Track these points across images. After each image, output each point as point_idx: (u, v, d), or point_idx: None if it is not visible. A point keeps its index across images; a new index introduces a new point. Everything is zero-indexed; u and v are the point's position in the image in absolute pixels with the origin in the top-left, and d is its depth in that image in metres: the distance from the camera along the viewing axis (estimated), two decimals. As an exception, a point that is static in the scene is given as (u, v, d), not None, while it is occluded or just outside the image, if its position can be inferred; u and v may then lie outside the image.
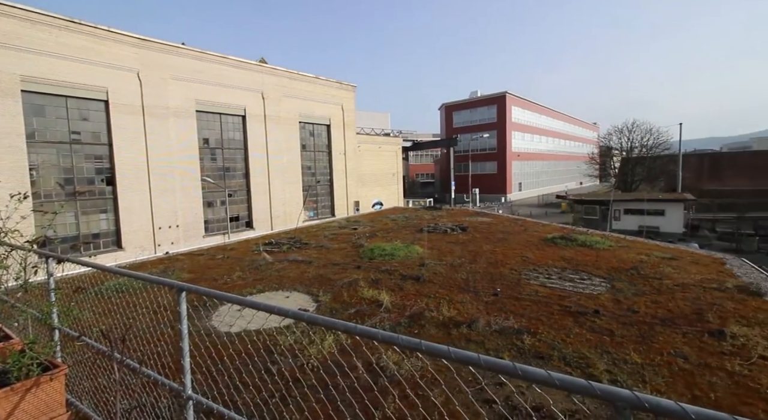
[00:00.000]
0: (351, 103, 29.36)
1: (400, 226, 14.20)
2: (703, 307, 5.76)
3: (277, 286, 7.22)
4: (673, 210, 25.10)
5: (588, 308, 5.81)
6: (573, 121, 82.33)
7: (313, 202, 26.79)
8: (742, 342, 4.65)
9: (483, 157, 55.04)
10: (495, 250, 9.78)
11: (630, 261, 8.30)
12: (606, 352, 4.49)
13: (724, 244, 23.13)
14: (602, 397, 1.05)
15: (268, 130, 23.04)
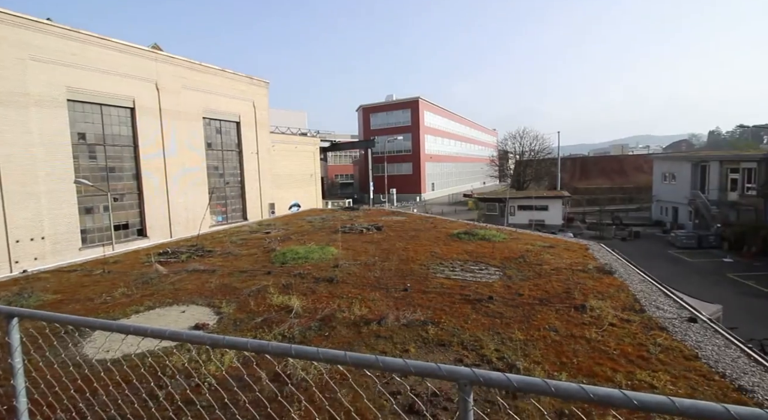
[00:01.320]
0: (264, 100, 27.88)
1: (316, 228, 13.95)
2: (571, 287, 6.84)
3: (171, 300, 6.46)
4: (554, 205, 29.49)
5: (484, 295, 6.45)
6: (476, 127, 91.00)
7: (222, 206, 24.74)
8: (597, 313, 5.64)
9: (399, 158, 57.33)
10: (407, 247, 10.24)
11: (519, 251, 9.46)
12: (497, 333, 5.03)
13: (591, 233, 28.01)
14: (447, 377, 1.15)
15: (164, 125, 20.54)
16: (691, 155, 35.12)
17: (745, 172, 27.14)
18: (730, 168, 28.12)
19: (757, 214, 24.28)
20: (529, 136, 52.11)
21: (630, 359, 4.35)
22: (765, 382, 3.97)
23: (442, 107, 66.65)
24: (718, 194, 28.12)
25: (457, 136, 74.09)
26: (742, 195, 26.82)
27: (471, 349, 4.62)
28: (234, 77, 25.29)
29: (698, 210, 28.49)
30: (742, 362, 4.36)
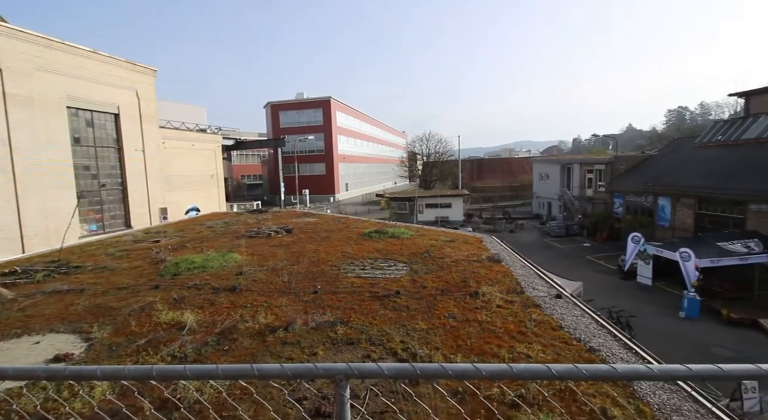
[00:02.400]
0: (150, 90, 24.46)
1: (217, 234, 12.79)
2: (468, 276, 7.56)
3: (20, 330, 5.22)
4: (457, 203, 32.33)
5: (392, 291, 6.71)
6: (388, 129, 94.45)
7: (96, 212, 20.96)
8: (488, 297, 6.33)
9: (312, 158, 56.17)
10: (318, 248, 10.09)
11: (424, 246, 10.10)
12: (402, 326, 5.28)
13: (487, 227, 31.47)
14: (323, 375, 1.16)
15: (10, 114, 16.52)
16: (559, 159, 42.08)
17: (597, 173, 33.56)
18: (587, 169, 34.46)
19: (606, 207, 30.27)
20: (435, 139, 56.21)
21: (512, 335, 4.99)
22: (608, 342, 4.95)
23: (354, 108, 67.44)
24: (579, 191, 34.23)
25: (369, 137, 75.77)
26: (595, 191, 33.11)
27: (378, 344, 4.76)
28: (110, 61, 21.63)
29: (565, 204, 34.30)
30: (593, 328, 5.36)
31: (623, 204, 27.75)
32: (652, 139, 78.95)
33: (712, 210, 21.14)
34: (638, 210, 26.36)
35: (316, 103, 56.09)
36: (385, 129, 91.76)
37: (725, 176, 20.78)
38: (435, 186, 49.59)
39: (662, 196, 24.13)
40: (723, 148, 23.64)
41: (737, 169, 20.62)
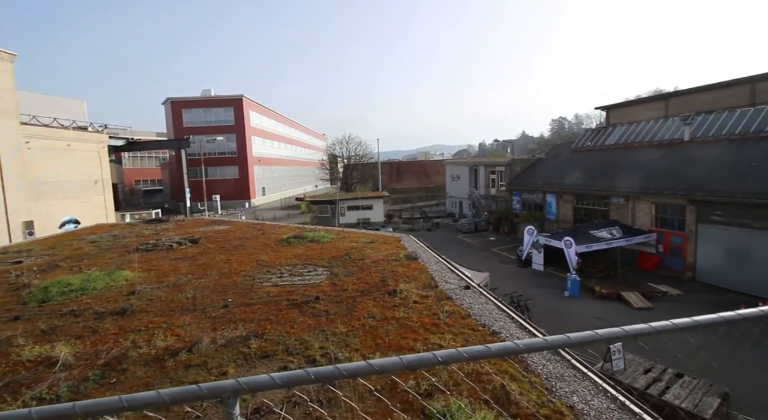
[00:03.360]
0: (7, 80, 20.00)
1: (102, 249, 10.99)
2: (387, 275, 7.77)
3: None
4: (377, 204, 33.09)
5: (311, 297, 6.55)
6: (307, 131, 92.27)
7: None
8: (405, 294, 6.59)
9: (224, 161, 51.98)
10: (230, 258, 9.36)
11: (344, 249, 10.10)
12: (322, 331, 5.19)
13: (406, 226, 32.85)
14: (209, 396, 1.07)
15: None
16: (467, 161, 46.05)
17: (499, 174, 37.55)
18: (491, 171, 38.32)
19: (507, 204, 34.02)
20: (355, 142, 56.70)
21: (427, 328, 5.28)
22: (507, 324, 5.54)
23: (271, 109, 64.36)
24: (485, 190, 37.88)
25: (287, 139, 73.03)
26: (498, 190, 36.99)
27: (296, 354, 4.60)
28: (-60, 38, 17.05)
29: (474, 203, 37.64)
30: (496, 313, 5.96)
31: (520, 201, 31.53)
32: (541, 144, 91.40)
33: (586, 204, 25.28)
34: (532, 206, 30.22)
35: (227, 101, 52.08)
36: (305, 131, 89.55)
37: (594, 175, 25.05)
38: (356, 188, 50.04)
39: (549, 194, 28.05)
40: (592, 152, 28.46)
41: (602, 169, 25.03)
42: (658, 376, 8.89)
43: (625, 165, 23.82)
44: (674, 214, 19.58)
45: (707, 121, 21.92)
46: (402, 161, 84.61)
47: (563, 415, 3.37)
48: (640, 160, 23.45)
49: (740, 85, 22.88)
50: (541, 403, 3.56)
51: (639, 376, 9.04)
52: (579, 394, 3.71)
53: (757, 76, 22.08)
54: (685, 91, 27.15)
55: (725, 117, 21.19)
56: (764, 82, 21.72)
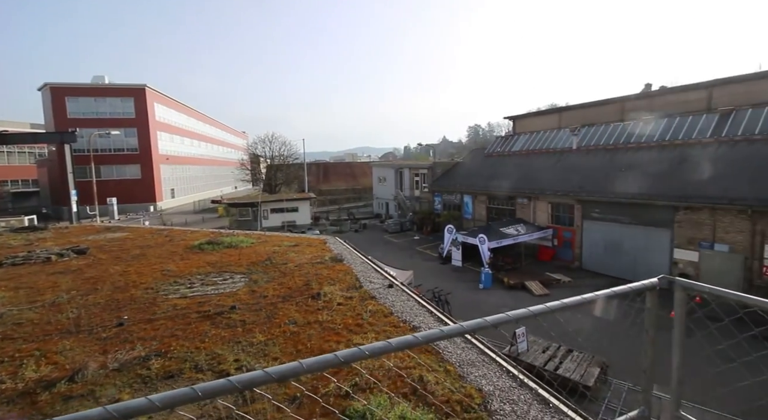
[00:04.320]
0: None
1: (-51, 265, 8.78)
2: (311, 279, 7.60)
3: None
4: (303, 206, 32.19)
5: (226, 306, 6.09)
6: (225, 128, 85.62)
7: None
8: (329, 297, 6.52)
9: (121, 158, 45.58)
10: (127, 270, 8.23)
11: (266, 253, 9.61)
12: (237, 343, 4.86)
13: (333, 228, 32.57)
14: (64, 432, 0.92)
15: None
16: (393, 164, 47.44)
17: (422, 176, 39.44)
18: (415, 173, 40.04)
19: (429, 205, 35.89)
20: (278, 142, 54.30)
21: (350, 329, 5.29)
22: (426, 319, 5.81)
23: (182, 102, 58.28)
24: (409, 191, 39.44)
25: (202, 136, 66.88)
26: (421, 192, 38.82)
27: (207, 370, 4.23)
28: None
29: (399, 204, 38.95)
30: (416, 309, 6.22)
31: (441, 202, 33.53)
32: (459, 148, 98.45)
33: (496, 204, 27.92)
34: (451, 206, 32.36)
35: (126, 90, 45.69)
36: (222, 128, 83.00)
37: (503, 178, 27.78)
38: (281, 190, 47.97)
39: (466, 195, 30.35)
40: (501, 157, 31.54)
41: (510, 173, 27.89)
42: (554, 354, 10.21)
43: (528, 169, 26.93)
44: (565, 212, 22.71)
45: (590, 132, 25.91)
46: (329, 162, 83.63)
47: (473, 398, 3.66)
48: (540, 165, 26.72)
49: (613, 103, 27.51)
50: (454, 389, 3.82)
51: (539, 355, 10.26)
52: (487, 377, 4.07)
53: (626, 96, 26.81)
54: (573, 106, 31.69)
55: (602, 130, 25.29)
56: (630, 101, 26.45)
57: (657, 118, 22.70)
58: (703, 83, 22.34)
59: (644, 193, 18.40)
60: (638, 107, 25.10)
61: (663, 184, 18.25)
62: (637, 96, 26.40)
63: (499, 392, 3.77)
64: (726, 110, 19.62)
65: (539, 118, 34.24)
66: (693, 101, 22.54)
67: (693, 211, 16.73)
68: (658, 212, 17.92)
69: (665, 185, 18.09)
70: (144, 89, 46.15)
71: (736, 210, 15.35)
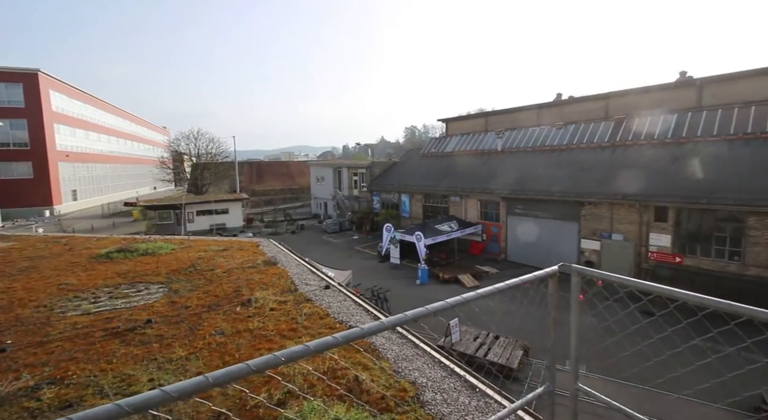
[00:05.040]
0: None
1: None
2: (241, 284, 7.16)
3: None
4: (235, 208, 30.25)
5: (140, 321, 5.46)
6: (142, 122, 76.82)
7: None
8: (261, 303, 6.20)
9: (7, 154, 38.46)
10: (11, 286, 6.95)
11: (189, 260, 8.83)
12: (153, 360, 4.38)
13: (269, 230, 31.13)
14: None
15: None
16: (332, 163, 46.86)
17: (360, 175, 39.55)
18: (353, 172, 40.01)
19: (368, 204, 36.15)
20: (205, 138, 50.20)
21: (284, 334, 5.08)
22: (363, 318, 5.82)
23: (87, 92, 50.92)
24: (348, 191, 39.30)
25: (113, 130, 59.14)
26: (360, 191, 38.92)
27: (115, 394, 3.74)
28: None
29: (338, 203, 38.62)
30: (353, 309, 6.20)
31: (380, 201, 33.98)
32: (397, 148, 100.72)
33: (432, 202, 29.11)
34: (390, 205, 32.97)
35: (12, 75, 38.48)
36: (138, 122, 74.31)
37: (437, 178, 29.06)
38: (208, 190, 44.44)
39: (403, 194, 31.16)
40: (436, 158, 32.95)
41: (443, 173, 29.27)
42: (483, 341, 10.96)
43: (460, 169, 28.52)
44: (492, 209, 24.51)
45: (512, 136, 28.27)
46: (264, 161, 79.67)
47: (406, 391, 3.75)
48: (470, 165, 28.46)
49: (530, 110, 30.33)
50: (389, 385, 3.88)
51: (470, 343, 10.93)
52: (420, 370, 4.20)
53: (541, 104, 29.74)
54: (497, 111, 34.30)
55: (522, 133, 27.76)
56: (544, 108, 29.39)
57: (566, 124, 25.60)
58: (601, 95, 25.69)
59: (557, 191, 20.63)
60: (551, 114, 28.05)
61: (572, 182, 20.64)
62: (550, 104, 29.47)
63: (431, 383, 3.92)
64: (620, 118, 22.82)
65: (469, 121, 36.44)
66: (594, 110, 25.83)
67: (595, 206, 19.18)
68: (568, 208, 20.23)
69: (574, 184, 20.48)
70: (36, 74, 39.41)
71: (628, 204, 17.94)
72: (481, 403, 3.58)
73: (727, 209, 15.27)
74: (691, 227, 16.49)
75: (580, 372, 10.63)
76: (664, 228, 17.03)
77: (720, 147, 17.66)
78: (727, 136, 17.86)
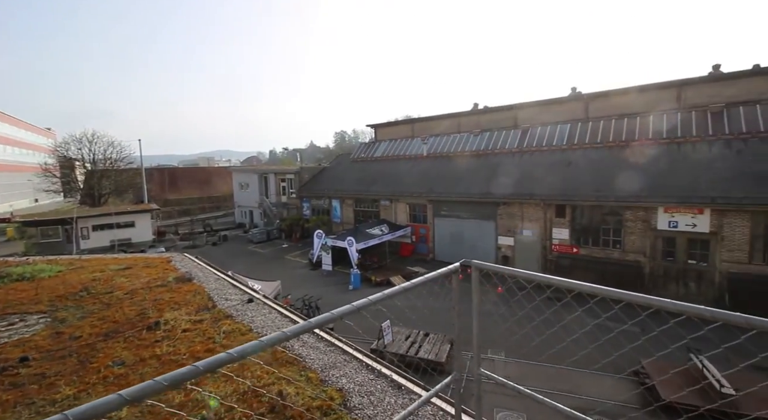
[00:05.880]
0: None
1: None
2: (147, 306, 6.38)
3: None
4: (143, 220, 26.93)
5: (12, 359, 4.54)
6: (17, 123, 64.22)
7: None
8: (172, 325, 5.59)
9: None
10: None
11: (81, 282, 7.62)
12: (31, 404, 3.67)
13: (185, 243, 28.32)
14: None
15: None
16: (257, 169, 44.51)
17: (289, 181, 38.21)
18: (281, 178, 38.50)
19: (298, 211, 35.07)
20: (103, 142, 43.81)
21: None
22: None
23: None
24: (276, 198, 37.68)
25: (-30, 131, 48.41)
26: (289, 197, 37.59)
27: (-30, 455, 3.04)
28: None
29: (265, 211, 36.81)
30: (279, 321, 5.92)
31: (310, 207, 33.21)
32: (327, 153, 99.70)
33: (363, 207, 29.35)
34: (320, 211, 32.42)
35: None
36: (13, 122, 62.00)
37: (368, 182, 29.42)
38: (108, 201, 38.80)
39: (334, 199, 30.91)
40: (366, 163, 33.34)
41: (373, 177, 29.74)
42: (415, 339, 11.33)
43: (389, 173, 29.27)
44: (421, 211, 25.60)
45: (436, 141, 29.92)
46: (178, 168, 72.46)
47: (333, 399, 3.69)
48: (399, 169, 29.39)
49: (451, 118, 32.46)
50: (315, 395, 3.77)
51: (403, 343, 11.21)
52: (348, 376, 4.17)
53: (460, 113, 32.00)
54: (422, 118, 36.03)
55: (445, 139, 29.56)
56: (463, 117, 31.68)
57: (482, 131, 27.95)
58: (510, 106, 28.58)
59: (476, 193, 22.35)
60: (469, 122, 30.38)
61: (489, 185, 22.56)
62: (468, 113, 31.92)
63: (358, 388, 3.91)
64: (526, 128, 25.61)
65: (396, 127, 37.65)
66: (505, 119, 28.63)
67: (509, 206, 21.21)
68: (486, 208, 22.05)
69: (491, 186, 22.40)
70: None
71: (534, 203, 20.17)
72: (406, 400, 3.68)
73: (609, 205, 18.07)
74: (584, 222, 19.15)
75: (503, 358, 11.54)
76: (564, 223, 19.51)
77: (602, 153, 20.88)
78: (607, 143, 21.19)
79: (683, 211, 16.24)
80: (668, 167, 17.95)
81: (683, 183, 16.72)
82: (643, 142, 20.00)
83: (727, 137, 17.93)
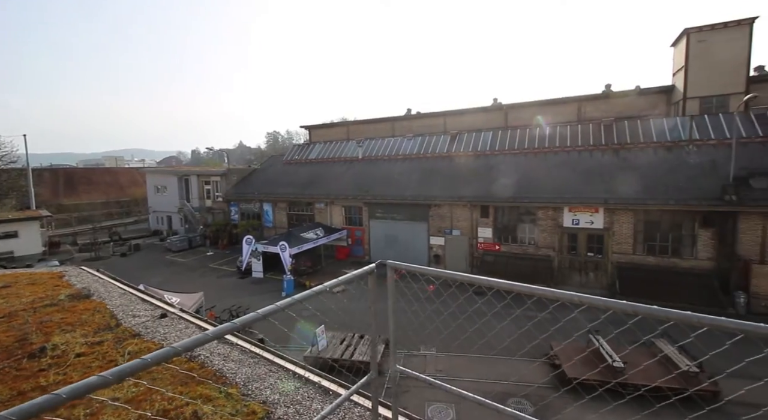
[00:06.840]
0: None
1: None
2: (30, 330, 5.40)
3: None
4: (29, 230, 22.82)
5: None
6: None
7: None
8: (62, 349, 4.80)
9: None
10: None
11: (-66, 307, 6.17)
12: None
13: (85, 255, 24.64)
14: None
15: None
16: (176, 170, 40.58)
17: (214, 184, 35.48)
18: (205, 181, 35.61)
19: (225, 215, 32.76)
20: (-28, 136, 36.19)
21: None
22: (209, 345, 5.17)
23: None
24: (199, 202, 34.73)
25: None
26: (214, 201, 34.92)
27: None
28: None
29: (186, 216, 33.71)
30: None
31: (239, 211, 31.24)
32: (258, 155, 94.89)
33: (297, 210, 28.47)
34: (250, 215, 30.67)
35: None
36: None
37: (303, 185, 28.62)
38: (-18, 207, 32.08)
39: (266, 203, 29.49)
40: (299, 165, 32.41)
41: (308, 180, 29.02)
42: (350, 342, 11.27)
43: (324, 176, 28.83)
44: (356, 213, 25.66)
45: (371, 144, 30.26)
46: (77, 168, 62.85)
47: (256, 413, 3.48)
48: (334, 172, 29.11)
49: (386, 122, 33.18)
50: (236, 411, 3.53)
51: (338, 347, 11.08)
52: (273, 387, 3.98)
53: (395, 117, 32.85)
54: (358, 121, 36.25)
55: (380, 142, 30.06)
56: (398, 121, 32.59)
57: (415, 135, 29.00)
58: (441, 112, 30.16)
59: (409, 195, 23.11)
60: (402, 126, 31.35)
61: (421, 187, 23.48)
62: (402, 117, 32.93)
63: (284, 398, 3.75)
64: (454, 133, 27.18)
65: (332, 129, 37.32)
66: (435, 125, 30.12)
67: (439, 207, 22.30)
68: (419, 210, 22.91)
69: (423, 188, 23.33)
70: None
71: (462, 204, 21.49)
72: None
73: (524, 206, 20.01)
74: (505, 221, 20.93)
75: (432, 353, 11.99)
76: (487, 223, 21.11)
77: (520, 158, 23.06)
78: (523, 150, 23.46)
79: (583, 210, 18.66)
80: (571, 172, 20.49)
81: (583, 186, 19.22)
82: (553, 150, 22.57)
83: (615, 147, 21.07)
